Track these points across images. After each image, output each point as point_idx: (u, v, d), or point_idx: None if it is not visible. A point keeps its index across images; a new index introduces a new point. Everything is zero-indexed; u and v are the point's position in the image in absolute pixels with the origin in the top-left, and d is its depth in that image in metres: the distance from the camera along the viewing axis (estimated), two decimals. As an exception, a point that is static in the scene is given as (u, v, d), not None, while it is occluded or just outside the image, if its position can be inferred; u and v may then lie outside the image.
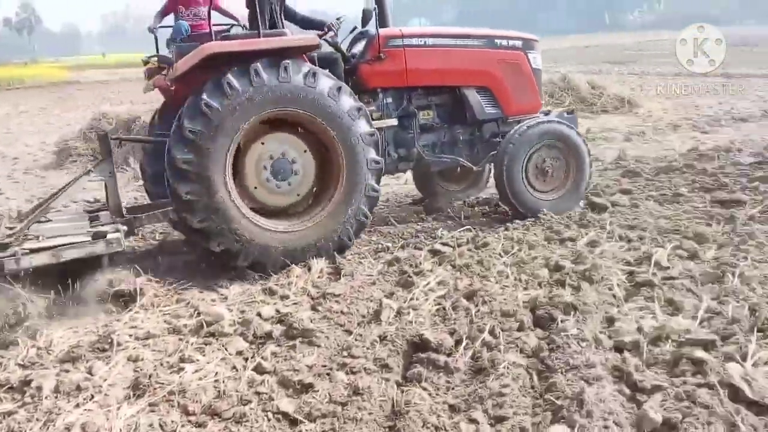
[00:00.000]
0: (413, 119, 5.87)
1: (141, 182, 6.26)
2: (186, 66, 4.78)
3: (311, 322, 3.63)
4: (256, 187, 4.92)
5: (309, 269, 4.65)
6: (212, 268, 4.93)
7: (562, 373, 2.92)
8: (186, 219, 4.73)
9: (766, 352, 3.02)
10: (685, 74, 19.59)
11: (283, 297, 4.17)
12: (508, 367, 3.02)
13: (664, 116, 12.03)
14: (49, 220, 4.90)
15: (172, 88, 5.22)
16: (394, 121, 5.69)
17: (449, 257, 4.64)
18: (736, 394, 2.70)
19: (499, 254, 4.66)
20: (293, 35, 5.17)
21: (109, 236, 4.32)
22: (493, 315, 3.60)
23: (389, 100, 5.73)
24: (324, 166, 5.13)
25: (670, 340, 3.18)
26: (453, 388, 2.98)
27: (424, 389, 2.95)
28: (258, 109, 4.74)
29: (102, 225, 4.64)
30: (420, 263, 4.60)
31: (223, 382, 3.14)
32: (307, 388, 3.00)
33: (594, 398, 2.66)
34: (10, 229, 4.55)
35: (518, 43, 6.30)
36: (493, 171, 6.02)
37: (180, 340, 3.63)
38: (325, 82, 4.91)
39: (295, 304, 4.06)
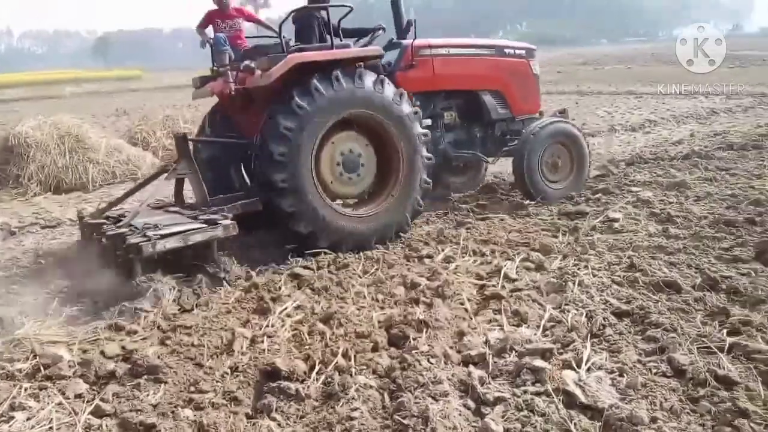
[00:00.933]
0: (439, 119, 6.77)
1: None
2: (277, 74, 5.33)
3: (158, 357, 3.46)
4: (332, 182, 5.59)
5: (159, 300, 4.40)
6: (54, 302, 4.59)
7: (410, 391, 2.95)
8: (279, 204, 5.26)
9: (599, 357, 3.20)
10: (542, 93, 21.00)
11: (131, 332, 3.94)
12: (359, 390, 3.01)
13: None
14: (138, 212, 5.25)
15: (233, 93, 5.71)
16: (428, 122, 6.36)
17: (309, 280, 4.60)
18: (571, 400, 2.85)
19: (359, 275, 4.68)
20: (356, 47, 5.98)
21: (224, 222, 4.90)
22: (348, 337, 3.59)
23: (419, 102, 6.12)
24: (380, 161, 5.81)
25: (513, 351, 3.31)
26: (304, 416, 2.93)
27: (274, 420, 2.89)
28: (339, 110, 5.44)
29: (201, 215, 5.14)
30: (279, 288, 4.52)
31: (58, 429, 2.92)
32: (149, 428, 2.85)
33: (438, 415, 2.71)
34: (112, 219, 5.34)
35: (523, 52, 7.33)
36: (513, 163, 6.77)
37: (13, 386, 3.34)
38: (390, 88, 5.69)
39: (143, 339, 3.85)
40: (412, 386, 2.99)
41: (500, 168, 7.86)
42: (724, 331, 3.43)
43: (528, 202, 6.60)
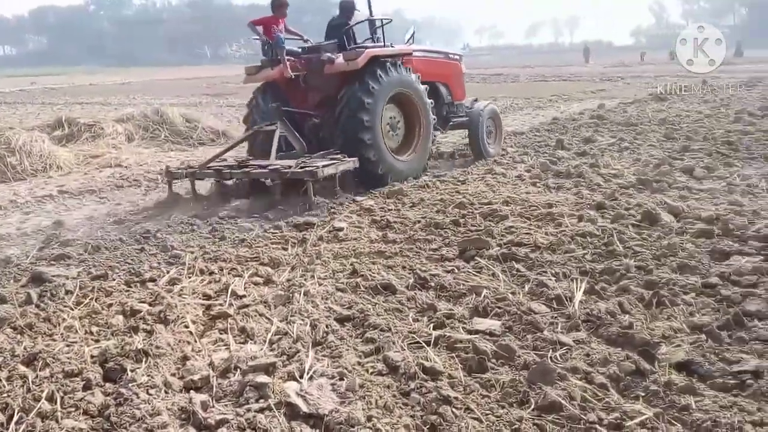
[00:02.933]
0: None
1: None
2: (363, 62, 8.00)
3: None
4: (385, 138, 8.15)
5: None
6: None
7: (125, 428, 2.76)
8: (365, 154, 7.76)
9: (321, 365, 3.30)
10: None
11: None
12: (66, 435, 2.74)
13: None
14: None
15: (291, 74, 8.41)
16: None
17: (9, 318, 4.08)
18: (294, 411, 2.88)
19: (71, 307, 4.26)
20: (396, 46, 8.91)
21: (352, 158, 7.59)
22: (55, 378, 3.25)
23: None
24: (407, 124, 8.69)
25: (238, 370, 3.26)
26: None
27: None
28: (391, 89, 8.17)
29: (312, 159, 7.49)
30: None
31: None
32: None
33: (156, 449, 2.56)
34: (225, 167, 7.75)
35: (458, 57, 10.63)
36: (469, 132, 9.88)
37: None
38: (413, 74, 8.64)
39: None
40: (128, 422, 2.80)
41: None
42: (432, 325, 3.76)
43: (255, 224, 6.52)
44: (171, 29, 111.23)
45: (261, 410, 2.88)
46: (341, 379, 3.15)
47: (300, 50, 8.92)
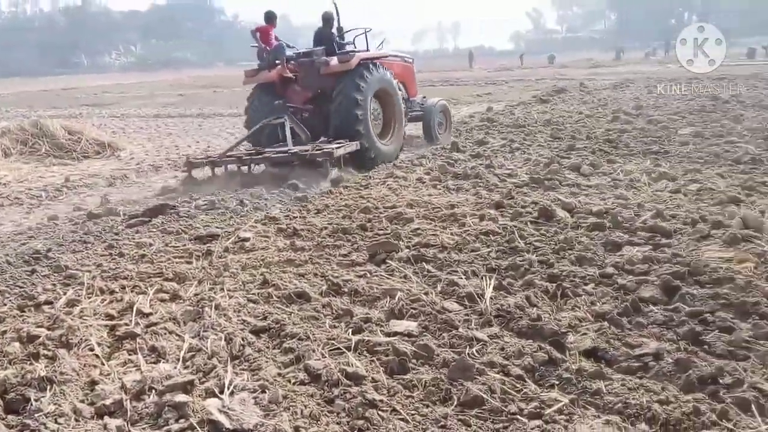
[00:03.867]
0: None
1: None
2: (354, 64, 9.73)
3: None
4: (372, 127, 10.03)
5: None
6: None
7: (36, 462, 2.58)
8: (360, 142, 9.46)
9: (241, 379, 3.22)
10: (164, 115, 20.64)
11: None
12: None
13: (146, 158, 12.23)
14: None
15: (289, 75, 10.28)
16: None
17: None
18: (217, 428, 2.80)
19: (-42, 338, 3.94)
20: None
21: (354, 142, 9.41)
22: (-51, 416, 2.99)
23: None
24: (385, 115, 10.49)
25: (153, 391, 3.14)
26: None
27: None
28: (376, 86, 9.93)
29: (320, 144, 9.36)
30: None
31: None
32: None
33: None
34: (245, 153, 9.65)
35: (411, 59, 12.80)
36: (423, 123, 12.12)
37: None
38: (390, 73, 10.51)
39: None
40: (38, 455, 2.63)
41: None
42: (350, 330, 3.77)
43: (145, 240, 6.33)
44: (43, 37, 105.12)
45: (182, 430, 2.79)
46: (263, 392, 3.10)
47: (294, 55, 10.57)
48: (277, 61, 10.31)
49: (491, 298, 4.11)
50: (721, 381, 2.94)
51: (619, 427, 2.72)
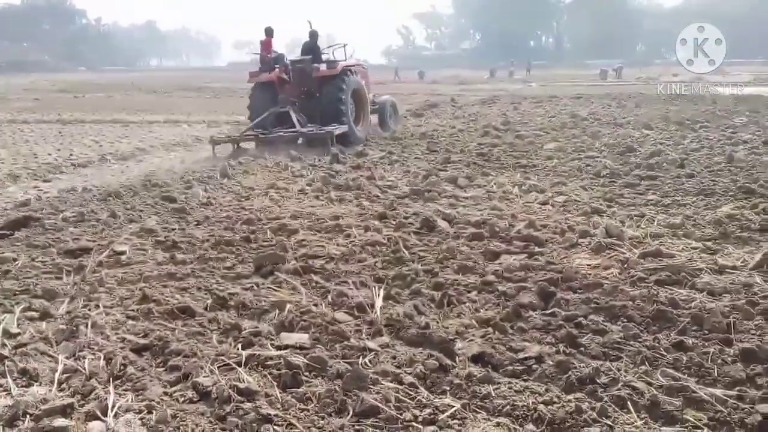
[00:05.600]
0: None
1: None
2: (338, 70, 13.17)
3: None
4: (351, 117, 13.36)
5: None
6: None
7: None
8: (337, 133, 12.11)
9: (125, 399, 3.06)
10: (19, 121, 19.18)
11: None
12: None
13: (2, 166, 11.29)
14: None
15: (285, 77, 13.37)
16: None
17: None
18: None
19: None
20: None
21: (343, 126, 12.70)
22: None
23: None
24: (356, 108, 13.83)
25: (28, 416, 2.91)
26: None
27: None
28: (352, 87, 13.30)
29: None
30: None
31: None
32: None
33: None
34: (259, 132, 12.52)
35: (366, 66, 15.84)
36: (378, 115, 15.38)
37: None
38: (360, 77, 14.08)
39: None
40: None
41: None
42: (239, 345, 3.68)
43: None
44: None
45: (66, 457, 2.60)
46: (150, 412, 2.97)
47: (288, 62, 13.70)
48: (276, 66, 13.41)
49: (381, 307, 4.17)
50: (598, 381, 3.15)
51: (509, 428, 2.85)
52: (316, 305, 4.24)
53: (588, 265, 5.01)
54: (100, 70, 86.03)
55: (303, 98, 13.39)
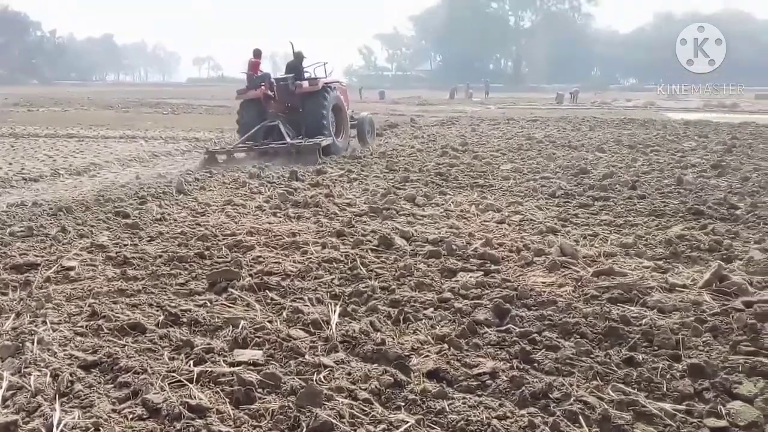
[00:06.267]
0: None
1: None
2: (319, 87, 14.37)
3: None
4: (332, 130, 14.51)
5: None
6: None
7: None
8: (323, 145, 13.33)
9: (71, 417, 2.97)
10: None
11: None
12: None
13: (-52, 179, 10.93)
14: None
15: (270, 93, 14.36)
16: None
17: None
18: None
19: None
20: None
21: (328, 138, 13.92)
22: None
23: None
24: (336, 122, 15.02)
25: (-35, 436, 2.79)
26: None
27: None
28: (332, 102, 14.54)
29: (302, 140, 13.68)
30: None
31: None
32: None
33: None
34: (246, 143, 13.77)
35: (345, 84, 17.35)
36: (358, 130, 16.29)
37: None
38: (339, 93, 15.37)
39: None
40: None
41: None
42: (191, 362, 3.61)
43: None
44: None
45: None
46: (97, 430, 2.89)
47: (274, 80, 14.62)
48: (262, 84, 14.44)
49: (337, 324, 4.14)
50: (550, 396, 3.18)
51: (462, 443, 2.85)
52: (270, 322, 4.20)
53: (543, 282, 5.07)
54: (54, 84, 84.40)
55: (287, 113, 14.47)
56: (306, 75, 14.82)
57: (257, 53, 15.55)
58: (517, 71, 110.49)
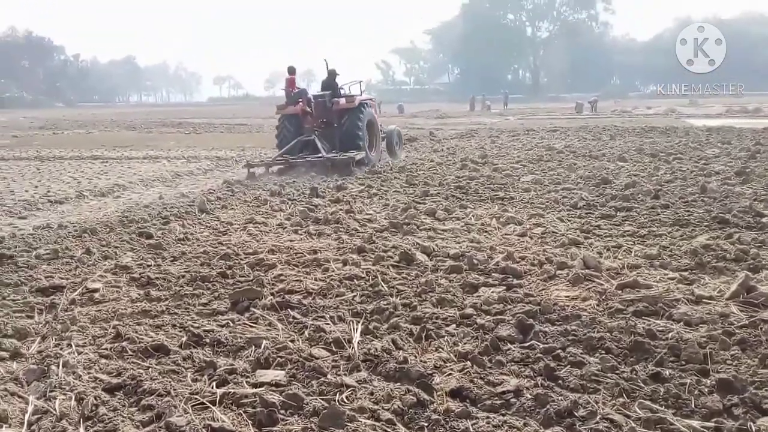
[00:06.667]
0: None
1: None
2: (356, 103, 15.32)
3: None
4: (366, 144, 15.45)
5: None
6: None
7: None
8: (357, 156, 14.37)
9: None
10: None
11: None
12: None
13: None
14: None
15: (308, 109, 15.10)
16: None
17: None
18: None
19: None
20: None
21: (362, 152, 14.87)
22: None
23: None
24: (369, 136, 15.60)
25: (-6, 462, 2.82)
26: None
27: None
28: (367, 118, 15.43)
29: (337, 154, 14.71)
30: None
31: None
32: None
33: None
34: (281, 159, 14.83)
35: (375, 100, 19.64)
36: (386, 142, 16.83)
37: None
38: (373, 110, 16.63)
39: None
40: None
41: None
42: (214, 383, 3.62)
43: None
44: None
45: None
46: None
47: (311, 96, 15.48)
48: (300, 100, 15.27)
49: (359, 342, 4.13)
50: (576, 414, 3.13)
51: (487, 464, 2.81)
52: (292, 341, 4.20)
53: (566, 296, 5.02)
54: (78, 106, 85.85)
55: (323, 128, 15.29)
56: (342, 92, 15.73)
57: (292, 70, 16.28)
58: (536, 81, 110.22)
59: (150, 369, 3.85)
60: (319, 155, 14.10)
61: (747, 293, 4.76)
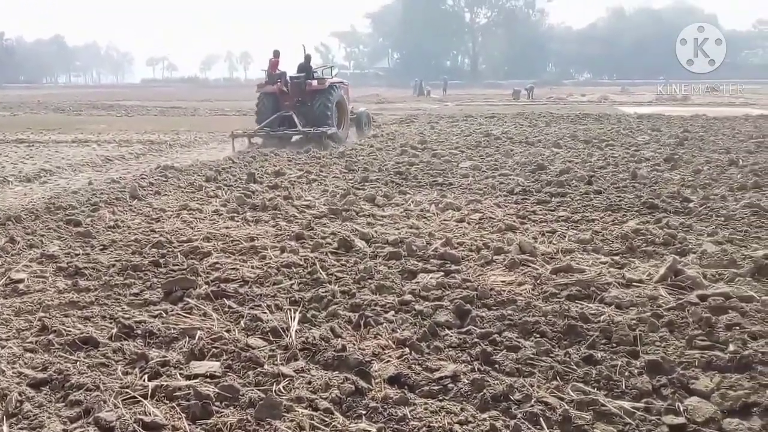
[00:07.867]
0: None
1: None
2: (326, 85, 17.06)
3: None
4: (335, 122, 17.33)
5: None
6: None
7: None
8: (327, 131, 16.20)
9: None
10: None
11: None
12: None
13: None
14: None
15: (285, 89, 17.15)
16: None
17: None
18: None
19: None
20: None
21: (333, 127, 16.83)
22: None
23: None
24: (339, 115, 17.68)
25: None
26: None
27: None
28: (336, 98, 17.29)
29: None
30: None
31: None
32: None
33: None
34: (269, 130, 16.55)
35: (348, 83, 20.11)
36: (356, 122, 19.00)
37: None
38: (342, 91, 18.12)
39: None
40: None
41: None
42: (146, 376, 3.51)
43: None
44: None
45: None
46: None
47: (288, 78, 17.21)
48: (278, 80, 17.14)
49: (297, 331, 4.08)
50: (512, 398, 3.17)
51: (424, 451, 2.82)
52: (228, 331, 4.11)
53: (502, 281, 5.09)
54: (3, 87, 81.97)
55: (298, 106, 17.08)
56: (315, 75, 17.51)
57: (276, 54, 18.13)
58: (474, 68, 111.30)
59: (78, 363, 3.71)
60: (297, 129, 16.29)
61: (675, 276, 4.93)
